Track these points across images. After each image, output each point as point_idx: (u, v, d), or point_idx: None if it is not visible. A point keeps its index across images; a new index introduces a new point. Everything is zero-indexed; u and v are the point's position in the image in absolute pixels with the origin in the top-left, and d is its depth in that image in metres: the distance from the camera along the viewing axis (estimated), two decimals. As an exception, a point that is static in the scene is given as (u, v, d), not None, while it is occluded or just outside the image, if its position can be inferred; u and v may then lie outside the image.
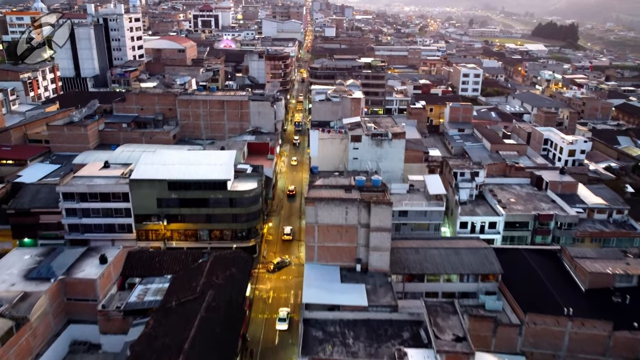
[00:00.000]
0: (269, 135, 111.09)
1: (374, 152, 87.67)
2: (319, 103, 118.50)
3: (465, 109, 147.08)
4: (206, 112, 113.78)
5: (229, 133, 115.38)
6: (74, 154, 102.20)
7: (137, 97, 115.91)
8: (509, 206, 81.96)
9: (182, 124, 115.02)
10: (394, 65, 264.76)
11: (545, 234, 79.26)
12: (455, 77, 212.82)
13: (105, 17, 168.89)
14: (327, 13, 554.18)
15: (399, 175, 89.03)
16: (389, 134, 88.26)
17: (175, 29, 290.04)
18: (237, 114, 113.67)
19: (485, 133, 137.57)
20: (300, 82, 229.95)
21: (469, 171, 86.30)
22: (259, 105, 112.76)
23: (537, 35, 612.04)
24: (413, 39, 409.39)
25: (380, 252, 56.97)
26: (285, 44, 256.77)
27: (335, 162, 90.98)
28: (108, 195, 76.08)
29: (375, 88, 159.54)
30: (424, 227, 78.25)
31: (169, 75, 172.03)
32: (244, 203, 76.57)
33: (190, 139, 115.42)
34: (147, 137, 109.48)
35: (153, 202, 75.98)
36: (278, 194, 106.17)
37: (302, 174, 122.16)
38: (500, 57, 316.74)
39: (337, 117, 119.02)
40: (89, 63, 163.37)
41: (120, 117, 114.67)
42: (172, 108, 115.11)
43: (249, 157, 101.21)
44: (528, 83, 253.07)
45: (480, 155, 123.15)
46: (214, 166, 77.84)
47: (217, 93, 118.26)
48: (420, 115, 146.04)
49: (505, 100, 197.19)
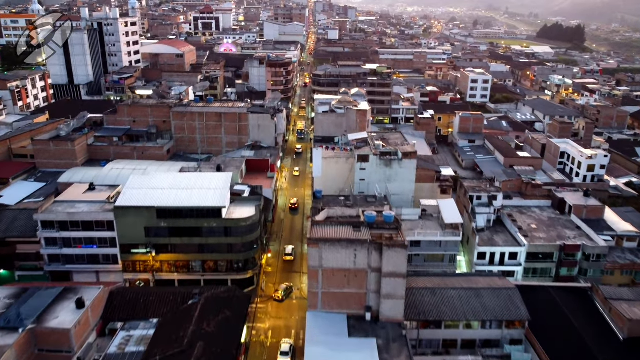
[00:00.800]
0: (269, 150, 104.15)
1: (382, 173, 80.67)
2: (322, 115, 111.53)
3: (476, 118, 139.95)
4: (202, 125, 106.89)
5: (226, 147, 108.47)
6: (60, 171, 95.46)
7: (129, 109, 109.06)
8: (531, 234, 74.83)
9: (176, 138, 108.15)
10: (399, 70, 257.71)
11: (571, 265, 72.11)
12: (463, 83, 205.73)
13: (100, 22, 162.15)
14: (330, 14, 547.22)
15: (409, 197, 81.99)
16: (399, 153, 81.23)
17: (175, 31, 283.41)
18: (236, 127, 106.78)
19: (497, 145, 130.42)
20: (302, 87, 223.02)
21: (486, 195, 79.15)
22: (259, 118, 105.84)
23: (542, 37, 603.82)
24: (417, 41, 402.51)
25: (394, 300, 49.94)
26: (287, 47, 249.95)
27: (340, 183, 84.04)
28: (91, 224, 69.21)
29: (381, 96, 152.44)
30: (438, 258, 71.23)
31: (165, 82, 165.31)
32: (241, 232, 69.63)
33: (186, 154, 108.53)
34: (139, 152, 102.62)
35: (140, 231, 69.08)
36: (278, 214, 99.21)
37: (304, 187, 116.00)
38: (508, 60, 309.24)
39: (341, 130, 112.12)
40: (83, 69, 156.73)
41: (111, 130, 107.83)
42: (167, 120, 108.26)
43: (247, 175, 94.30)
44: (537, 88, 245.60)
45: (493, 170, 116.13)
46: (207, 191, 70.90)
47: (215, 104, 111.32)
48: (428, 125, 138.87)
49: (515, 108, 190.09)
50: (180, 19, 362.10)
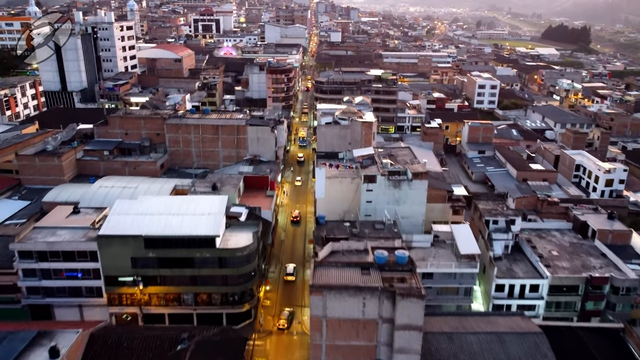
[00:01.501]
0: (268, 165, 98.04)
1: (390, 195, 74.53)
2: (325, 127, 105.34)
3: (486, 128, 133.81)
4: (198, 138, 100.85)
5: (223, 161, 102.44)
6: (47, 188, 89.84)
7: (121, 121, 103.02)
8: (553, 263, 68.63)
9: (171, 151, 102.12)
10: (403, 74, 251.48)
11: (598, 299, 65.91)
12: (470, 89, 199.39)
13: (94, 26, 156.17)
14: (332, 15, 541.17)
15: (419, 221, 75.86)
16: (409, 173, 75.11)
17: (174, 34, 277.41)
18: (233, 141, 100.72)
19: (508, 156, 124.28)
20: (304, 91, 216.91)
21: (503, 219, 72.94)
22: (258, 130, 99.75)
23: (547, 38, 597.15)
24: (421, 43, 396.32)
25: (408, 356, 43.85)
26: (288, 50, 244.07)
27: (345, 204, 77.91)
28: (72, 254, 63.15)
29: (386, 104, 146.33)
30: (452, 290, 65.10)
31: (162, 88, 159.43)
32: (237, 263, 63.56)
33: (181, 168, 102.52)
34: (131, 168, 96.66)
35: (127, 262, 63.03)
36: (279, 234, 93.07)
37: (306, 196, 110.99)
38: (514, 63, 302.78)
39: (345, 142, 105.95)
40: (76, 76, 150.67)
41: (102, 143, 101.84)
42: (161, 133, 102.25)
43: (245, 193, 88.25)
44: (545, 92, 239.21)
45: (505, 185, 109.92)
46: (200, 217, 64.81)
47: (211, 116, 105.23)
48: (436, 135, 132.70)
49: (524, 114, 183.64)
50: (180, 21, 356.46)
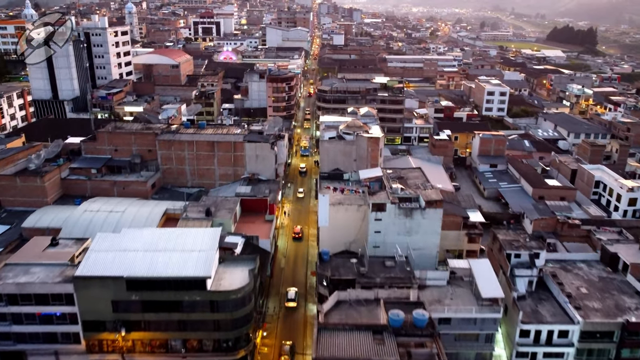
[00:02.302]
0: (268, 185, 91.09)
1: (401, 225, 67.51)
2: (328, 142, 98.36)
3: (498, 140, 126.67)
4: (192, 155, 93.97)
5: (219, 180, 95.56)
6: (29, 210, 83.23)
7: (110, 136, 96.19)
8: (583, 303, 61.55)
9: (163, 169, 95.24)
10: (408, 79, 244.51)
11: (635, 346, 58.89)
12: (478, 95, 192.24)
13: (87, 32, 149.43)
14: (334, 17, 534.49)
15: (433, 253, 68.85)
16: (421, 200, 68.12)
17: (173, 38, 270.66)
18: (230, 158, 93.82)
19: (523, 171, 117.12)
20: (306, 97, 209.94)
21: (526, 252, 65.89)
22: (257, 147, 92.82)
23: (552, 40, 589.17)
24: (425, 46, 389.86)
25: None
26: (290, 54, 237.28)
27: (351, 234, 71.01)
28: (46, 297, 56.33)
29: (393, 114, 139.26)
30: (471, 337, 58.11)
31: (158, 96, 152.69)
32: (230, 307, 56.63)
33: (174, 187, 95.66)
34: (120, 188, 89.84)
35: (107, 306, 56.18)
36: (278, 260, 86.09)
37: (309, 211, 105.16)
38: (521, 67, 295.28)
39: (350, 159, 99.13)
40: (68, 84, 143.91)
41: (90, 161, 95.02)
42: (152, 149, 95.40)
43: (242, 218, 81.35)
44: (554, 98, 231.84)
45: (521, 204, 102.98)
46: (190, 254, 57.87)
47: (207, 131, 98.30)
48: (445, 148, 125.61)
49: (535, 122, 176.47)
50: (180, 23, 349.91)
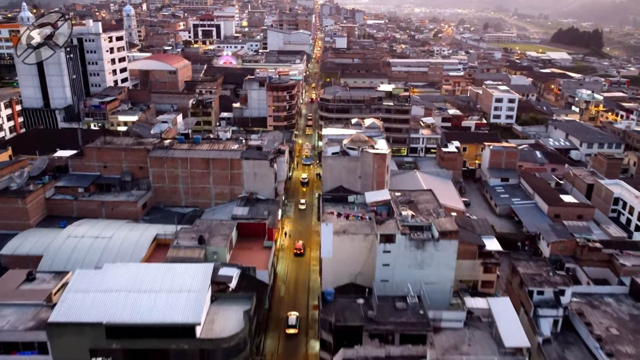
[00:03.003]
0: (266, 205, 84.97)
1: (412, 257, 61.35)
2: (332, 158, 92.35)
3: (510, 152, 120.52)
4: (186, 173, 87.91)
5: (215, 199, 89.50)
6: (11, 233, 77.45)
7: (98, 152, 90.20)
8: (614, 347, 55.31)
9: (155, 188, 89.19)
10: (413, 83, 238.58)
11: (675, 399, 52.74)
12: (485, 102, 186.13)
13: (79, 37, 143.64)
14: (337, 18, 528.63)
15: (447, 287, 62.65)
16: (434, 229, 61.98)
17: (171, 41, 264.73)
18: (227, 176, 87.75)
19: (536, 186, 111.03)
20: (308, 103, 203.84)
21: (551, 290, 59.66)
22: (255, 165, 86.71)
23: (557, 41, 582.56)
24: (429, 48, 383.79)
25: None
26: (292, 58, 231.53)
27: (357, 266, 64.91)
28: (16, 345, 50.33)
29: (398, 124, 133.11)
30: (492, 388, 51.92)
31: (154, 104, 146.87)
32: (222, 355, 50.54)
33: (166, 207, 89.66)
34: (108, 209, 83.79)
35: (85, 355, 50.14)
36: (278, 287, 79.94)
37: (311, 224, 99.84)
38: (528, 71, 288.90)
39: (355, 176, 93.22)
40: (60, 92, 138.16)
41: (77, 178, 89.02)
42: (144, 166, 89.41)
43: (238, 244, 75.27)
44: (562, 104, 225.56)
45: (536, 223, 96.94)
46: (178, 296, 51.79)
47: (202, 147, 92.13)
48: (454, 161, 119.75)
49: (545, 130, 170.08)
50: (179, 26, 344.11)
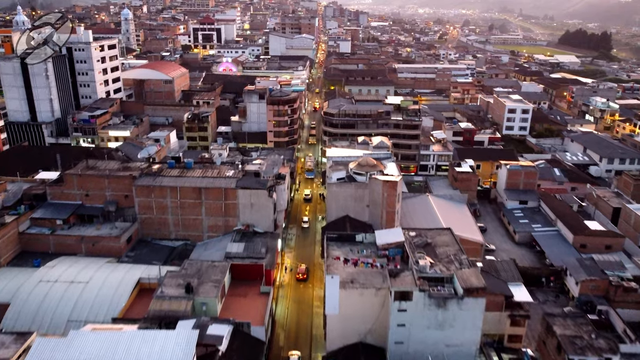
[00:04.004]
0: (264, 240, 76.39)
1: (432, 317, 52.64)
2: (337, 186, 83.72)
3: (528, 172, 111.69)
4: (176, 203, 79.35)
5: (208, 232, 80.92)
6: (-22, 272, 69.12)
7: (79, 180, 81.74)
8: None
9: (142, 219, 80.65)
10: (420, 90, 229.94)
11: None
12: (496, 112, 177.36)
13: (69, 47, 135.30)
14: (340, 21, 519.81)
15: (471, 351, 53.86)
16: (457, 283, 53.30)
17: (169, 47, 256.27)
18: (220, 207, 79.14)
19: (558, 210, 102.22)
20: (311, 112, 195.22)
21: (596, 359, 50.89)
22: (252, 195, 78.09)
23: (564, 44, 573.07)
24: (435, 52, 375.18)
25: None
26: (294, 65, 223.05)
27: (367, 322, 56.19)
28: None
29: (408, 140, 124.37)
30: None
31: (148, 117, 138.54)
32: None
33: (154, 240, 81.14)
34: (88, 244, 75.35)
35: None
36: (277, 335, 71.19)
37: (314, 242, 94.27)
38: (538, 76, 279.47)
39: (362, 204, 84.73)
40: (47, 105, 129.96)
41: (56, 208, 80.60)
42: (129, 195, 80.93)
43: (232, 289, 66.59)
44: (575, 112, 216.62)
45: (561, 255, 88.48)
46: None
47: (194, 173, 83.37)
48: (469, 182, 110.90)
49: (561, 143, 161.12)
50: (179, 29, 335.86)
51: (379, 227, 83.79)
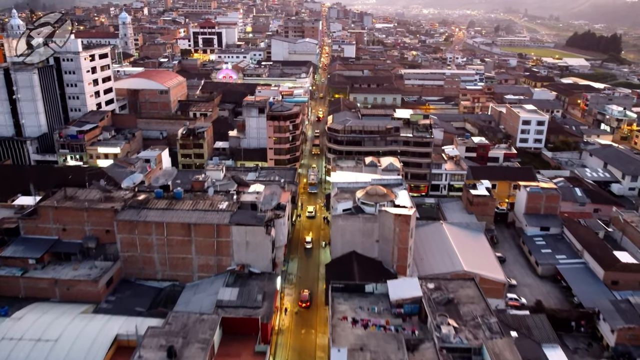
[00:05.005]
0: (261, 283, 67.73)
1: (458, 399, 44.11)
2: (343, 219, 75.08)
3: (550, 196, 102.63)
4: (162, 240, 70.72)
5: (198, 272, 72.30)
6: (-62, 322, 60.70)
7: (55, 213, 73.25)
8: None
9: (125, 257, 72.10)
10: (427, 98, 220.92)
11: None
12: (509, 122, 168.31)
13: (57, 57, 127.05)
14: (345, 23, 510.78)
15: None
16: (486, 355, 44.64)
17: (168, 52, 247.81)
18: (212, 245, 70.50)
19: (584, 240, 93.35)
20: (315, 122, 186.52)
21: None
22: (247, 232, 69.41)
23: (572, 46, 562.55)
24: (442, 55, 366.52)
25: None
26: (297, 71, 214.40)
27: (380, 401, 47.58)
28: None
29: (418, 158, 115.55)
30: None
31: (140, 131, 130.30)
32: None
33: (138, 280, 72.56)
34: (63, 289, 66.86)
35: None
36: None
37: (318, 267, 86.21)
38: (549, 82, 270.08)
39: (372, 239, 76.22)
40: (33, 119, 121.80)
41: (29, 245, 72.12)
42: (111, 230, 72.45)
43: (222, 347, 57.93)
44: (590, 120, 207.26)
45: (592, 294, 79.74)
46: None
47: (184, 204, 74.62)
48: (485, 206, 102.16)
49: (578, 157, 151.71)
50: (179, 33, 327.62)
51: (390, 264, 75.42)
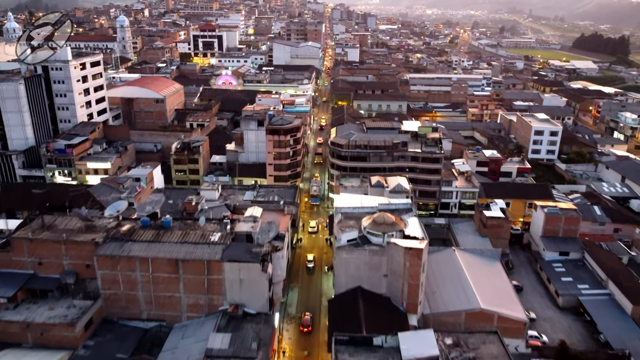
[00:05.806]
0: (256, 326, 60.72)
1: None
2: (347, 251, 68.05)
3: (569, 218, 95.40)
4: (147, 277, 63.78)
5: (187, 311, 65.35)
6: None
7: (30, 245, 66.44)
8: None
9: (106, 295, 65.18)
10: (434, 104, 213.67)
11: None
12: (520, 132, 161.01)
13: (45, 66, 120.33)
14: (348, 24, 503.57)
15: None
16: None
17: (166, 57, 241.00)
18: (203, 283, 63.52)
19: (608, 267, 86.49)
20: (317, 130, 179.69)
21: None
22: (241, 269, 62.39)
23: (579, 47, 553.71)
24: (447, 58, 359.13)
25: None
26: (299, 76, 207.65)
27: None
28: None
29: (427, 174, 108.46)
30: None
31: (133, 144, 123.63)
32: None
33: (121, 320, 65.62)
34: (36, 333, 59.98)
35: None
36: None
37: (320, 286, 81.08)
38: (558, 86, 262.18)
39: (379, 274, 69.30)
40: (19, 132, 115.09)
41: (0, 282, 65.38)
42: (91, 264, 65.61)
43: (212, 406, 51.18)
44: (602, 128, 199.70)
45: (620, 332, 73.02)
46: None
47: (172, 236, 67.58)
48: (500, 228, 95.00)
49: (594, 170, 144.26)
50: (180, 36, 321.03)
51: (399, 301, 68.43)
